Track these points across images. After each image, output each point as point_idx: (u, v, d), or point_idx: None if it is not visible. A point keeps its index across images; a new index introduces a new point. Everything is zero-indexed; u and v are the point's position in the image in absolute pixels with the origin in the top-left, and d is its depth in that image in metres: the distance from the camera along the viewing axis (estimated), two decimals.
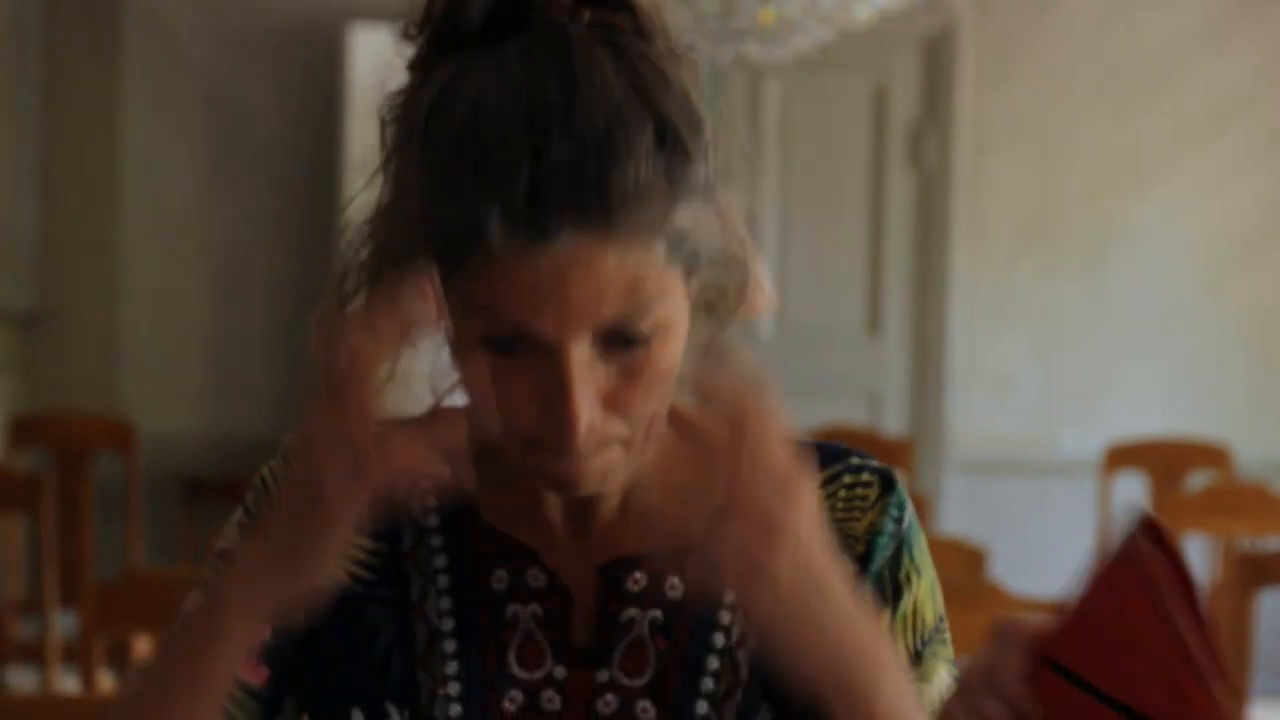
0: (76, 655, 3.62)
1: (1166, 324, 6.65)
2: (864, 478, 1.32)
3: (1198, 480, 5.24)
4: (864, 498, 1.31)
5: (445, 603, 1.29)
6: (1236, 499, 4.33)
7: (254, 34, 6.45)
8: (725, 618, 1.29)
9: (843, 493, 1.32)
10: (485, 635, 1.28)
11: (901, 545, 1.32)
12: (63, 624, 4.11)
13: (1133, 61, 6.63)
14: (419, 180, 1.15)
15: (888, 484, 1.32)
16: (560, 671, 1.27)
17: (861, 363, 6.89)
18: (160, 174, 6.36)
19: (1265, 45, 6.63)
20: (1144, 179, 6.65)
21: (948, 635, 1.33)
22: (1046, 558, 6.32)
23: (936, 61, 6.73)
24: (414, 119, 1.17)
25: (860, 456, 1.34)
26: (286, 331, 6.33)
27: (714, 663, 1.28)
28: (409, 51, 1.22)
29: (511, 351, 1.15)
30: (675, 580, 1.28)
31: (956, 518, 6.48)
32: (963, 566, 3.29)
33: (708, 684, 1.27)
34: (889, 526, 1.31)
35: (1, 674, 3.44)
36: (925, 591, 1.32)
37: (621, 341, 1.16)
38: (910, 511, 1.33)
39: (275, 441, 1.41)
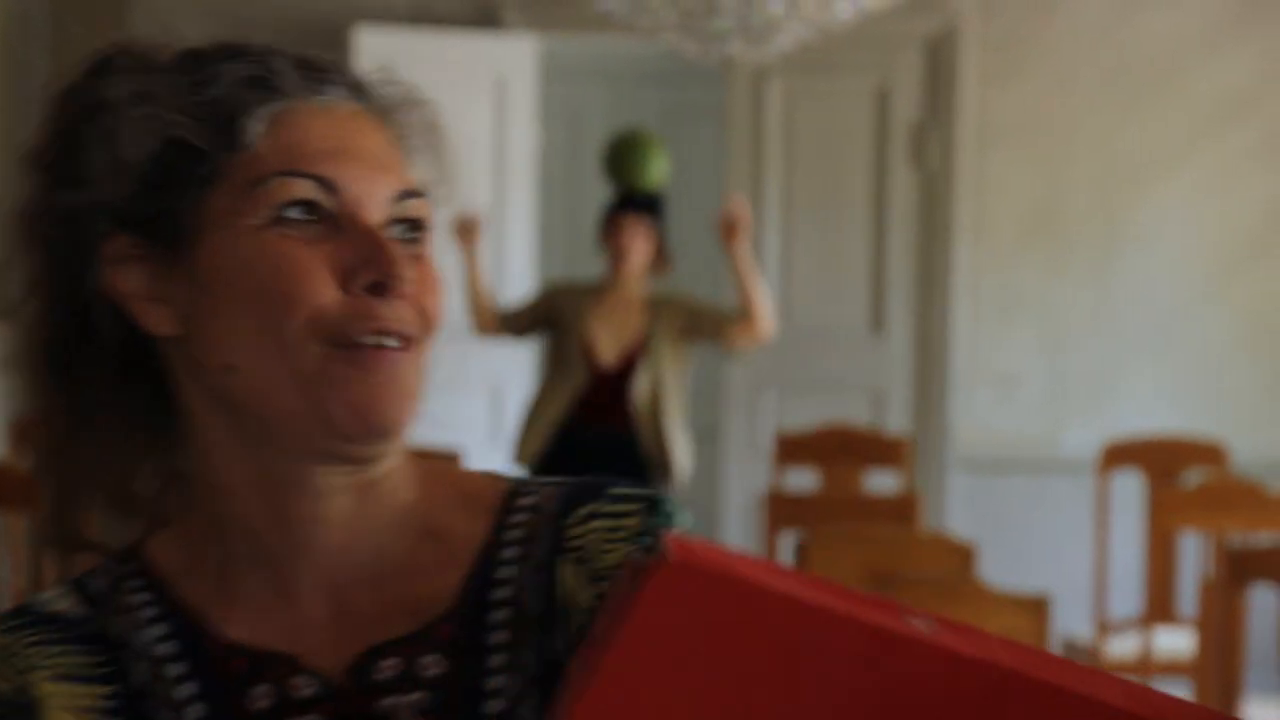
0: None
1: (1171, 323, 6.66)
2: (625, 507, 1.18)
3: (1193, 477, 5.25)
4: (624, 528, 1.17)
5: None
6: (1229, 496, 4.34)
7: (259, 34, 6.41)
8: (492, 683, 1.15)
9: (599, 522, 1.18)
10: None
11: None
12: None
13: (1137, 60, 6.64)
14: (166, 90, 1.20)
15: (652, 509, 1.18)
16: None
17: (865, 361, 6.91)
18: None
19: (1270, 45, 6.63)
20: (1148, 178, 6.66)
21: None
22: (1048, 555, 6.34)
23: (939, 61, 6.74)
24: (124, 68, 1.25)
25: (623, 489, 1.20)
26: None
27: None
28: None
29: (304, 224, 1.11)
30: (431, 658, 1.15)
31: (959, 516, 6.50)
32: (952, 563, 3.30)
33: None
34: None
35: None
36: None
37: (406, 227, 1.14)
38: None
39: None
